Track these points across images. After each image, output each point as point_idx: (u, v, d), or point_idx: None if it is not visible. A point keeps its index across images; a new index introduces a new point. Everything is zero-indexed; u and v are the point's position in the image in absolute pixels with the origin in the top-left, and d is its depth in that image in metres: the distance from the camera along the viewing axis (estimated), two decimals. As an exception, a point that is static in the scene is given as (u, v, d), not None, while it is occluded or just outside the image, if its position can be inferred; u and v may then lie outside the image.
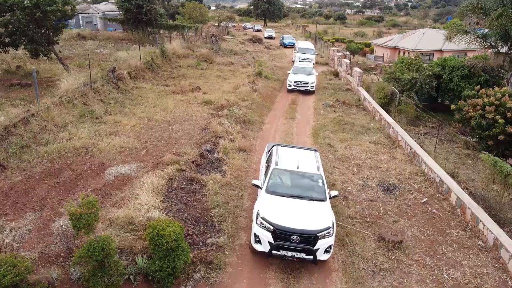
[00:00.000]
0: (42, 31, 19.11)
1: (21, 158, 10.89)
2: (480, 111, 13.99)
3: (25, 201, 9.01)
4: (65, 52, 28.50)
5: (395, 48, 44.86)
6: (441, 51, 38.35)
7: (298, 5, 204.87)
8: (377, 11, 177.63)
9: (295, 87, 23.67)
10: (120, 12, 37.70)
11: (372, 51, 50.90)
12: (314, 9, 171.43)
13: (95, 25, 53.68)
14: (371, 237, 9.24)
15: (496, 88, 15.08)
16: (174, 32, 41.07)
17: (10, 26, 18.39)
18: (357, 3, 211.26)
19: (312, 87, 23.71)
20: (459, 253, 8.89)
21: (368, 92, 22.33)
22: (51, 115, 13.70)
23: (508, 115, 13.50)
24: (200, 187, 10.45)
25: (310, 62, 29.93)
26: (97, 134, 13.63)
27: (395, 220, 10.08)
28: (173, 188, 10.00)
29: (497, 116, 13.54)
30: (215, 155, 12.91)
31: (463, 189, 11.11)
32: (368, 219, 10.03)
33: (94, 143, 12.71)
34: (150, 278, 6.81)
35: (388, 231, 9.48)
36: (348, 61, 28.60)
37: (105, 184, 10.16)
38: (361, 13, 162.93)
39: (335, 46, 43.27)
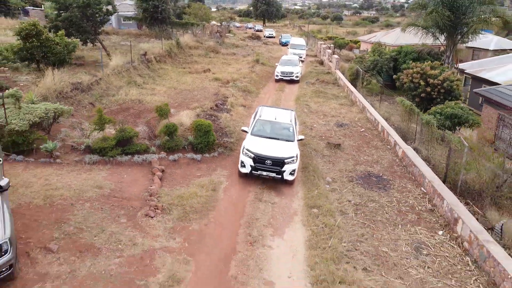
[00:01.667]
0: (91, 24, 25.07)
1: (101, 102, 16.84)
2: (410, 78, 19.93)
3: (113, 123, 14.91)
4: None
5: (384, 44, 50.74)
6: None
7: (297, 7, 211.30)
8: (373, 12, 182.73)
9: (282, 77, 27.09)
10: (136, 11, 43.79)
11: (359, 47, 56.90)
12: (312, 10, 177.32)
13: (110, 23, 59.58)
14: (322, 143, 15.17)
15: (422, 63, 21.06)
16: (181, 30, 47.00)
17: (66, 20, 24.35)
18: (355, 5, 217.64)
19: (297, 76, 27.16)
20: (374, 150, 14.83)
21: (343, 74, 28.32)
22: (111, 80, 19.68)
23: (428, 80, 19.43)
24: (217, 118, 16.38)
25: (301, 56, 35.51)
26: (142, 94, 19.58)
27: (340, 138, 16.02)
28: (199, 117, 15.91)
29: (421, 81, 19.48)
30: (225, 106, 18.86)
31: (389, 124, 17.04)
32: (323, 137, 15.97)
33: (142, 98, 18.67)
34: (195, 147, 12.74)
35: (333, 141, 15.43)
36: (330, 51, 34.59)
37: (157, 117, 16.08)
38: (358, 14, 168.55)
39: (323, 41, 49.19)
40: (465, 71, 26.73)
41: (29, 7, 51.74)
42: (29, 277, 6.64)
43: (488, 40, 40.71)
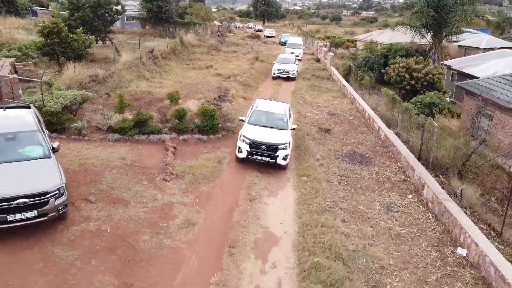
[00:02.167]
0: (102, 23, 26.91)
1: (115, 92, 18.66)
2: (397, 72, 21.76)
3: (131, 108, 16.75)
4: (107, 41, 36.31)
5: (376, 42, 52.60)
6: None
7: (296, 7, 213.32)
8: (372, 12, 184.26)
9: (279, 75, 28.08)
10: (140, 11, 45.77)
11: (355, 46, 58.76)
12: (312, 11, 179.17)
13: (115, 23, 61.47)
14: (314, 128, 17.00)
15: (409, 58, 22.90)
16: (183, 30, 48.85)
17: (79, 19, 26.20)
18: (354, 5, 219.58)
19: (293, 74, 28.08)
20: (360, 134, 16.66)
21: (338, 70, 30.15)
22: (122, 74, 21.51)
23: (413, 74, 21.25)
24: (220, 107, 18.18)
25: (299, 55, 37.19)
26: (151, 87, 21.39)
27: (330, 124, 17.84)
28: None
29: (406, 74, 21.30)
30: (227, 98, 20.69)
31: (376, 113, 18.86)
32: (315, 124, 17.79)
33: (151, 90, 20.49)
34: (201, 130, 14.55)
35: (324, 126, 17.25)
36: (326, 49, 36.42)
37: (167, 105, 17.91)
38: (357, 14, 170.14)
39: (320, 40, 51.02)
40: (451, 67, 28.54)
41: (36, 8, 53.54)
42: (76, 219, 8.46)
43: (479, 39, 42.62)
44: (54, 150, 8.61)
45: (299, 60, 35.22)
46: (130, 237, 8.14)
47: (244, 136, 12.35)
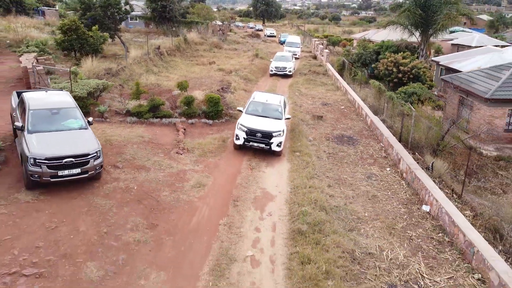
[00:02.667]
0: (111, 21, 28.78)
1: (127, 84, 20.52)
2: (385, 66, 23.61)
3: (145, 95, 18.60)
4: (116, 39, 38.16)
5: (369, 40, 54.52)
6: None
7: (296, 7, 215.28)
8: (371, 12, 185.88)
9: (276, 72, 29.16)
10: (144, 11, 47.69)
11: (352, 44, 60.64)
12: (311, 11, 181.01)
13: (119, 23, 63.31)
14: (308, 115, 18.85)
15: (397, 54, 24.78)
16: (186, 28, 50.74)
17: (90, 18, 28.07)
18: (354, 5, 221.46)
19: (290, 71, 29.19)
20: (349, 121, 18.52)
21: (333, 66, 32.02)
22: (133, 68, 23.38)
23: (400, 67, 23.11)
24: (223, 97, 20.01)
25: (296, 54, 38.78)
26: (159, 80, 23.25)
27: (323, 113, 19.70)
28: (210, 96, 19.59)
29: (394, 68, 23.16)
30: (229, 89, 22.54)
31: (365, 103, 20.73)
32: (309, 112, 19.65)
33: (160, 83, 22.35)
34: (207, 115, 16.41)
35: (317, 114, 19.11)
36: (323, 46, 38.29)
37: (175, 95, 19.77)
38: (356, 14, 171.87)
39: (318, 39, 52.90)
40: (439, 63, 30.42)
41: (43, 7, 55.41)
42: (108, 179, 10.32)
43: (471, 37, 44.58)
44: (89, 123, 10.48)
45: (296, 58, 36.94)
46: (153, 193, 10.00)
47: (241, 125, 13.31)
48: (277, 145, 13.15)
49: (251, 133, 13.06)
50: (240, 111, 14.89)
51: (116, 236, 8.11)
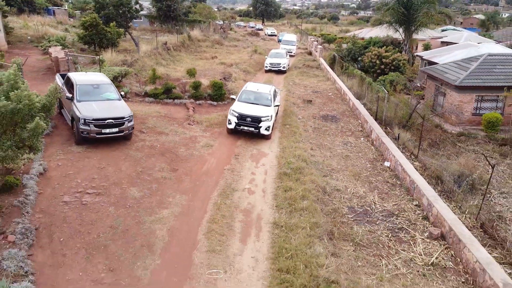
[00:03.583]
0: (123, 19, 31.65)
1: (141, 74, 23.39)
2: (370, 59, 26.47)
3: (160, 80, 21.47)
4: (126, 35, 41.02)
5: (362, 38, 57.39)
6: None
7: (296, 7, 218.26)
8: (370, 12, 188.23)
9: (271, 68, 30.88)
10: (148, 10, 50.68)
11: (347, 42, 63.54)
12: (310, 11, 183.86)
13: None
14: (299, 100, 21.72)
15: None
16: (189, 27, 53.71)
17: (104, 16, 30.94)
18: (353, 5, 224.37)
19: (284, 67, 30.79)
20: (335, 104, 21.38)
21: (325, 60, 34.90)
22: (144, 61, 26.26)
23: (383, 60, 25.97)
24: (225, 85, 22.88)
25: (292, 51, 41.18)
26: (168, 71, 26.12)
27: (313, 98, 22.56)
28: (213, 83, 22.48)
29: (377, 61, 26.02)
30: (230, 79, 25.41)
31: (350, 91, 23.59)
32: (301, 97, 22.52)
33: (169, 73, 25.21)
34: (212, 98, 19.27)
35: (307, 98, 21.98)
36: (317, 43, 41.15)
37: (183, 82, 22.64)
38: (355, 14, 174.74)
39: (314, 36, 55.79)
40: (423, 57, 33.30)
41: (53, 7, 58.26)
42: (136, 140, 13.18)
43: (459, 35, 47.39)
44: (122, 96, 13.35)
45: (291, 55, 39.34)
46: (172, 149, 12.88)
47: (233, 110, 14.57)
48: (266, 129, 14.36)
49: (241, 118, 14.29)
50: (233, 99, 16.20)
51: (148, 174, 10.98)
